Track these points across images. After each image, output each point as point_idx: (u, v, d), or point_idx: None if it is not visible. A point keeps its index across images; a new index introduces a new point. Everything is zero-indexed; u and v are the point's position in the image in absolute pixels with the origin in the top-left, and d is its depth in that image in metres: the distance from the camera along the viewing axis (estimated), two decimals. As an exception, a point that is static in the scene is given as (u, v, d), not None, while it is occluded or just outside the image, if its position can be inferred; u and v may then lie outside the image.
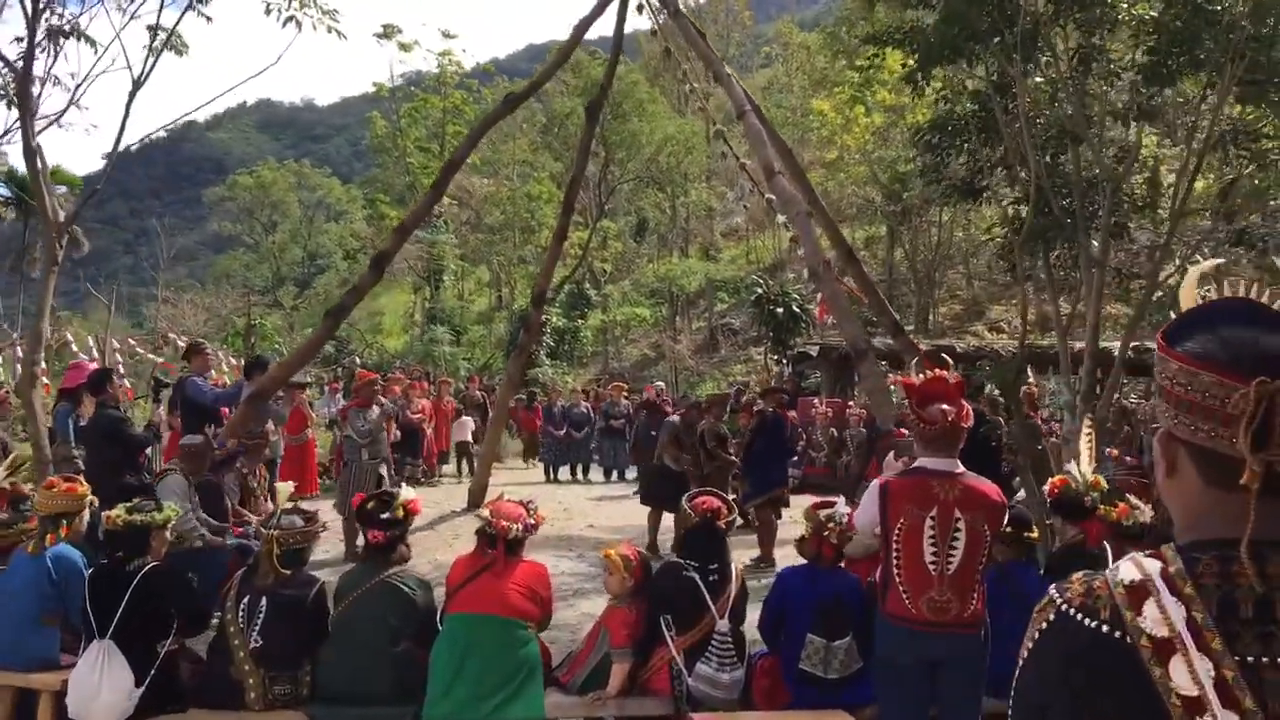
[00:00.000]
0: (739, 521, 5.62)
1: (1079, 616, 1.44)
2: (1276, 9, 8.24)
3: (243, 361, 14.35)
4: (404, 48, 40.52)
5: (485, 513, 5.15)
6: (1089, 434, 6.20)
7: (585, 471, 19.63)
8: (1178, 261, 12.27)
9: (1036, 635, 1.51)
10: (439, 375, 24.58)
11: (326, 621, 5.11)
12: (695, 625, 5.11)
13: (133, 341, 22.07)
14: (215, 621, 5.38)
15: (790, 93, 44.12)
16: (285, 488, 5.44)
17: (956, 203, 10.53)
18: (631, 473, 19.01)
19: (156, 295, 29.29)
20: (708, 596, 5.13)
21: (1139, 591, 1.42)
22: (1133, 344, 9.86)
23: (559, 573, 10.62)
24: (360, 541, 6.06)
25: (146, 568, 5.06)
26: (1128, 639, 1.39)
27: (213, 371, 15.12)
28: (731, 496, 11.42)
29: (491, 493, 16.77)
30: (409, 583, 5.14)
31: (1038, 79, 8.95)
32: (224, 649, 5.02)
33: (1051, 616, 1.48)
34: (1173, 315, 1.61)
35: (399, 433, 17.17)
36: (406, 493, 5.25)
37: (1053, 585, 1.53)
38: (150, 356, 18.46)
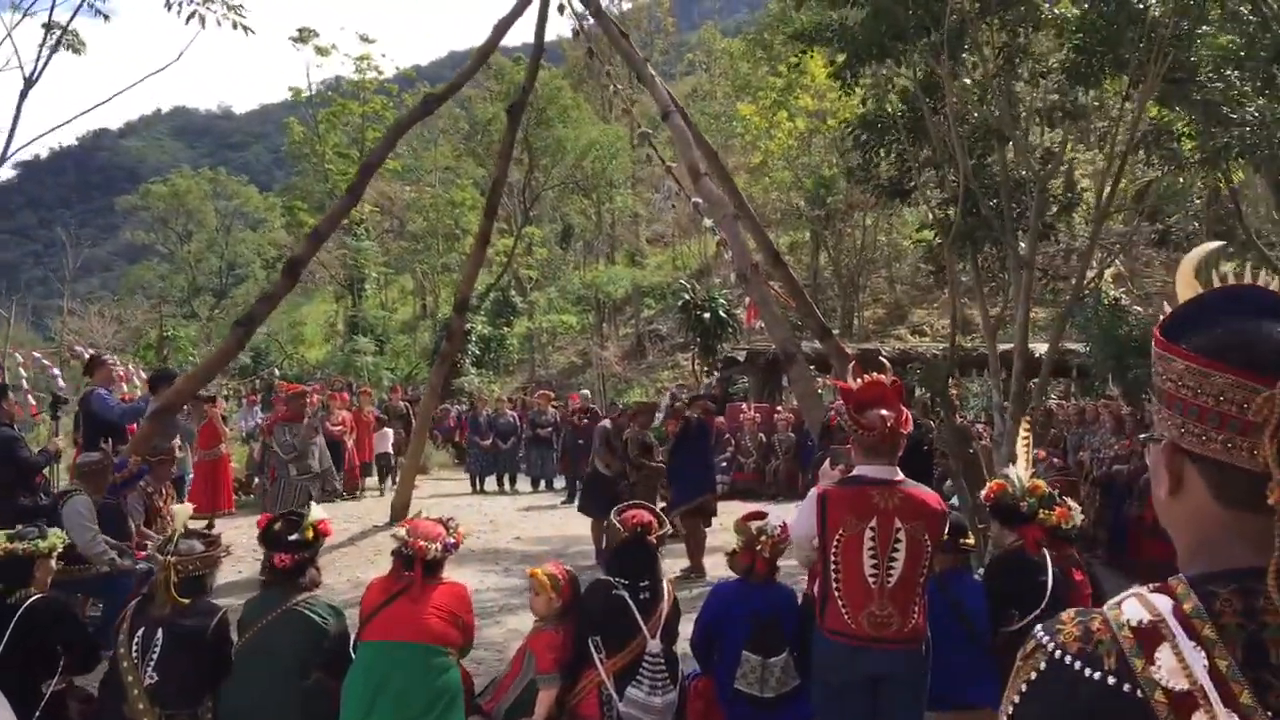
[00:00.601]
0: (670, 532, 5.35)
1: (1077, 665, 1.20)
2: (1195, 7, 8.27)
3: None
4: (321, 52, 39.65)
5: (401, 532, 4.83)
6: (1025, 437, 6.08)
7: (513, 482, 19.33)
8: (1095, 265, 12.36)
9: (1024, 688, 1.25)
10: (360, 386, 23.98)
11: (229, 653, 4.72)
12: (626, 647, 4.84)
13: (38, 355, 21.16)
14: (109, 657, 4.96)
15: (714, 99, 44.16)
16: (184, 510, 5.04)
17: (884, 204, 10.45)
18: (560, 482, 18.76)
19: (63, 307, 28.12)
20: (639, 616, 4.87)
21: (1150, 635, 1.19)
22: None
23: (485, 588, 10.30)
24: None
25: (30, 600, 4.66)
26: (1139, 693, 1.15)
27: (124, 385, 14.51)
28: (661, 506, 11.26)
29: (415, 505, 16.44)
30: (319, 609, 4.78)
31: (965, 80, 8.90)
32: (117, 686, 4.61)
33: (1042, 665, 1.24)
34: (1166, 308, 1.40)
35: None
36: (316, 513, 4.89)
37: (1039, 627, 1.28)
38: (54, 372, 17.68)
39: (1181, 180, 9.49)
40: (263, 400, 22.33)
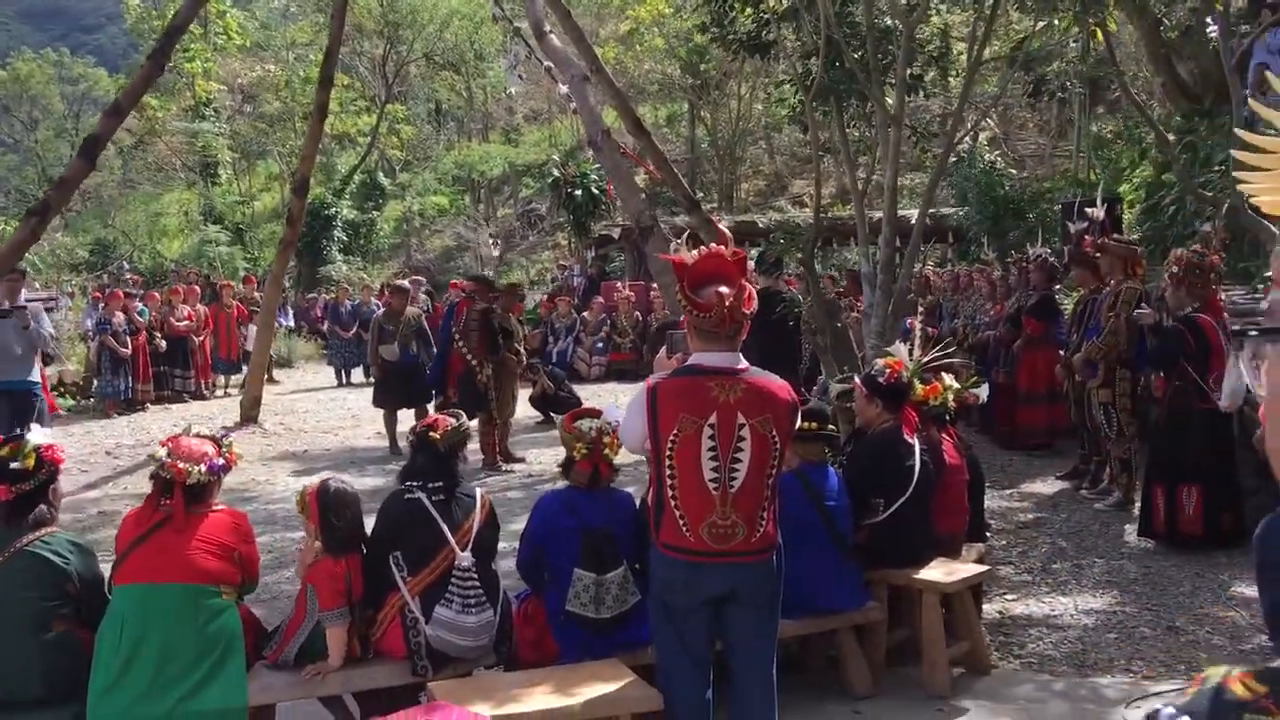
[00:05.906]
0: (471, 427, 4.66)
1: None
2: None
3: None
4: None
5: (161, 452, 4.04)
6: (922, 315, 5.57)
7: (380, 373, 18.48)
8: (968, 124, 11.86)
9: None
10: (220, 280, 22.51)
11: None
12: (430, 562, 4.18)
13: None
14: None
15: (587, -35, 42.17)
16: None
17: (744, 60, 9.70)
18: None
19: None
20: (441, 523, 4.20)
21: None
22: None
23: (339, 493, 9.60)
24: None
25: None
26: None
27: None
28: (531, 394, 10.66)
29: (273, 402, 15.53)
30: (58, 547, 3.96)
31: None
32: None
33: None
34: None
35: (164, 344, 15.59)
36: (37, 436, 4.05)
37: None
38: None
39: (1058, 23, 8.89)
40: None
